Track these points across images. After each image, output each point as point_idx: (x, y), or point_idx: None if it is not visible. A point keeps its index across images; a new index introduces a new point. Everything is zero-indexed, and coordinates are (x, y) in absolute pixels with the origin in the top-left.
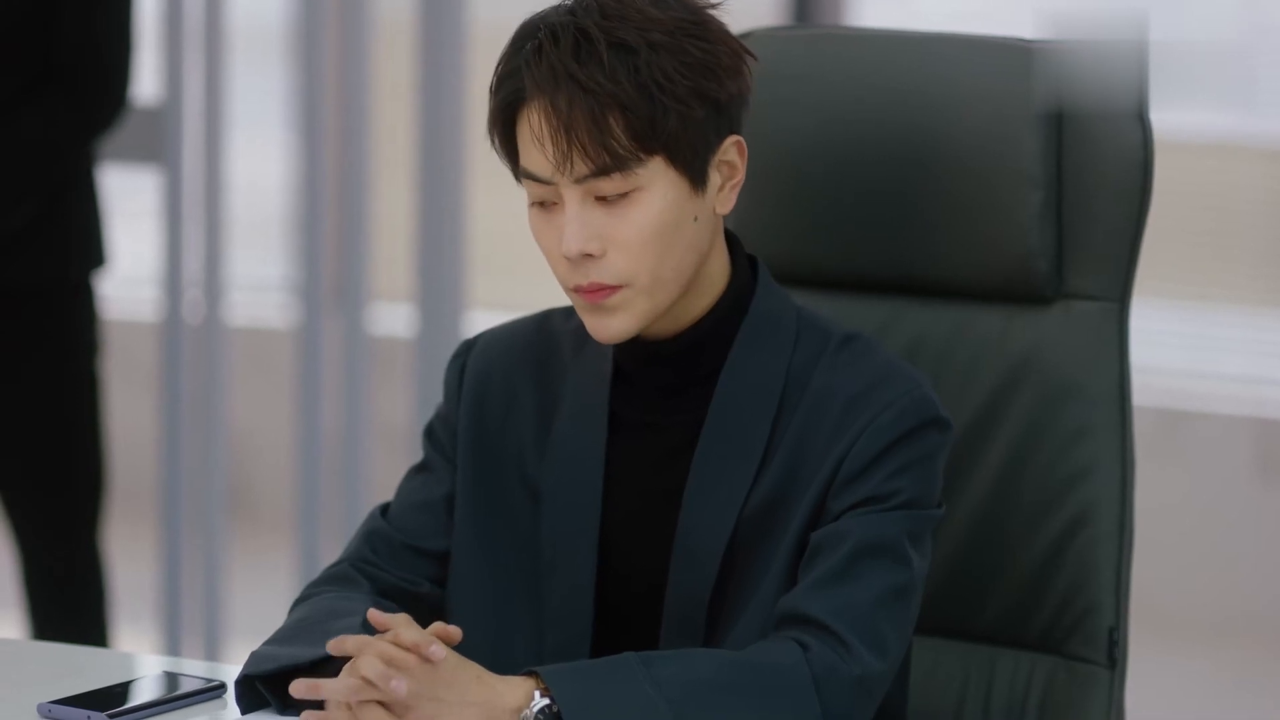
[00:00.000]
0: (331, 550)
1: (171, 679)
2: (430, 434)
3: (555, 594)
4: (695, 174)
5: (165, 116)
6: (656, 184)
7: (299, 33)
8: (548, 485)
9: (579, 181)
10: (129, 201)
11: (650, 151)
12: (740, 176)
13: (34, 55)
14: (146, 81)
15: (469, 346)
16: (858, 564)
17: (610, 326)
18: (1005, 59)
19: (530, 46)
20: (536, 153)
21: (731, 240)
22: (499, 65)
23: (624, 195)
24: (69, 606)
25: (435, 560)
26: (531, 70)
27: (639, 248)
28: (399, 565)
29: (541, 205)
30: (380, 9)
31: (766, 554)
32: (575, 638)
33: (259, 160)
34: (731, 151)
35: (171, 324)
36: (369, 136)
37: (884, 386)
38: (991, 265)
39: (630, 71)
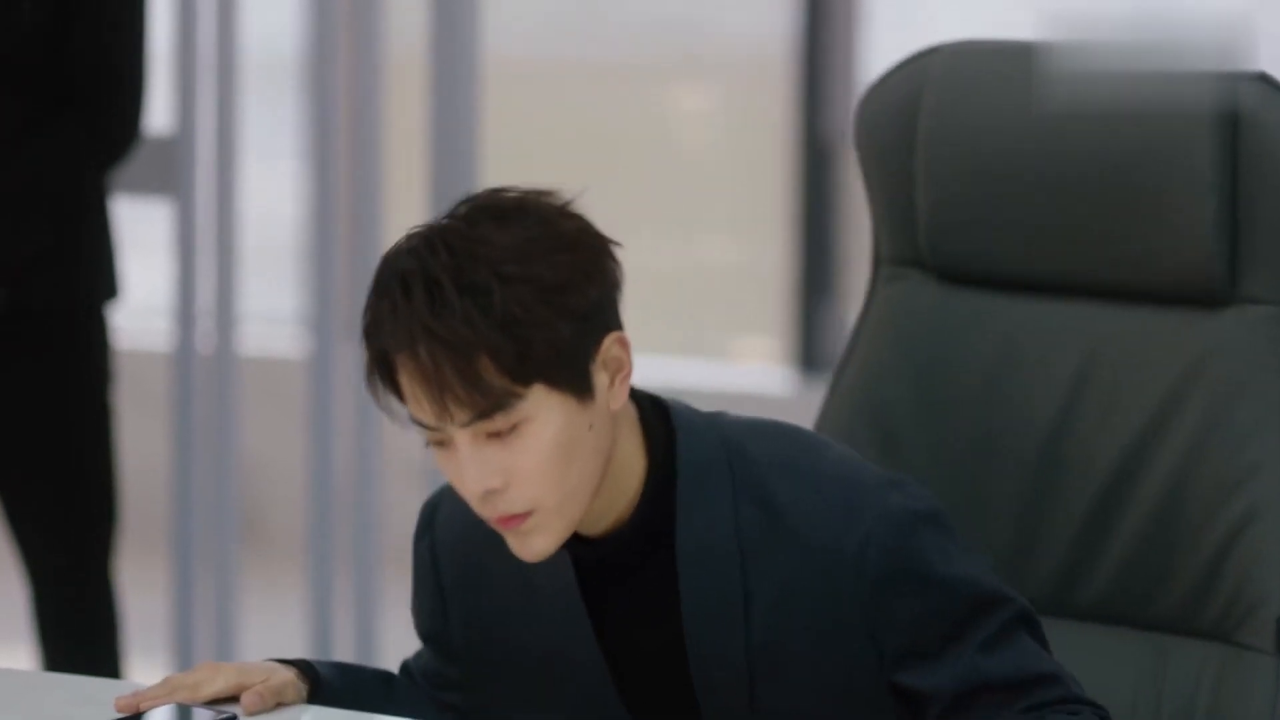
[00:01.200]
0: (344, 581)
1: (183, 710)
2: (425, 639)
3: None
4: (579, 388)
5: (178, 147)
6: (541, 410)
7: (311, 63)
8: (554, 664)
9: (464, 426)
10: (141, 232)
11: (526, 383)
12: (628, 368)
13: (47, 82)
14: (159, 112)
15: (430, 520)
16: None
17: (532, 547)
18: (1188, 75)
19: (386, 304)
20: (415, 403)
21: (639, 404)
22: (364, 315)
23: (512, 429)
24: (81, 637)
25: None
26: (389, 328)
27: (539, 475)
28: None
29: (439, 445)
30: (392, 40)
31: (802, 693)
32: None
33: (271, 191)
34: (614, 348)
35: (183, 354)
36: (381, 167)
37: (851, 522)
38: (1168, 269)
39: (486, 312)
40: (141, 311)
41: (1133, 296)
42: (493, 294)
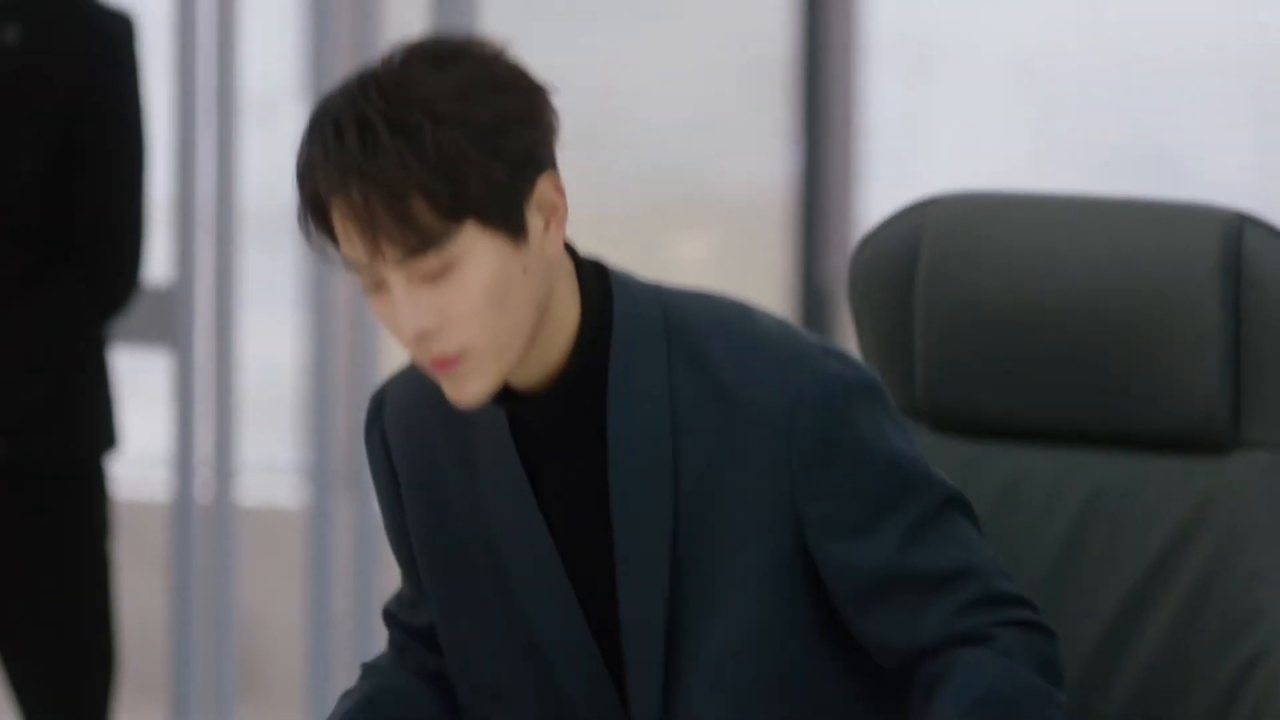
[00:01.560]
0: None
1: None
2: (394, 542)
3: (555, 645)
4: (512, 228)
5: (176, 297)
6: (475, 250)
7: None
8: (494, 527)
9: (398, 265)
10: (140, 382)
11: (459, 221)
12: (563, 211)
13: (46, 235)
14: (158, 262)
15: (379, 407)
16: (940, 585)
17: (466, 391)
18: (1188, 223)
19: (317, 146)
20: (348, 244)
21: (578, 263)
22: (297, 158)
23: (445, 268)
24: None
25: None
26: (322, 169)
27: (472, 315)
28: (424, 655)
29: (374, 288)
30: None
31: (722, 588)
32: (594, 675)
33: (270, 341)
34: (548, 191)
35: (182, 505)
36: None
37: (785, 382)
38: (1170, 415)
39: (419, 152)
40: (140, 462)
41: (1134, 443)
42: (425, 134)
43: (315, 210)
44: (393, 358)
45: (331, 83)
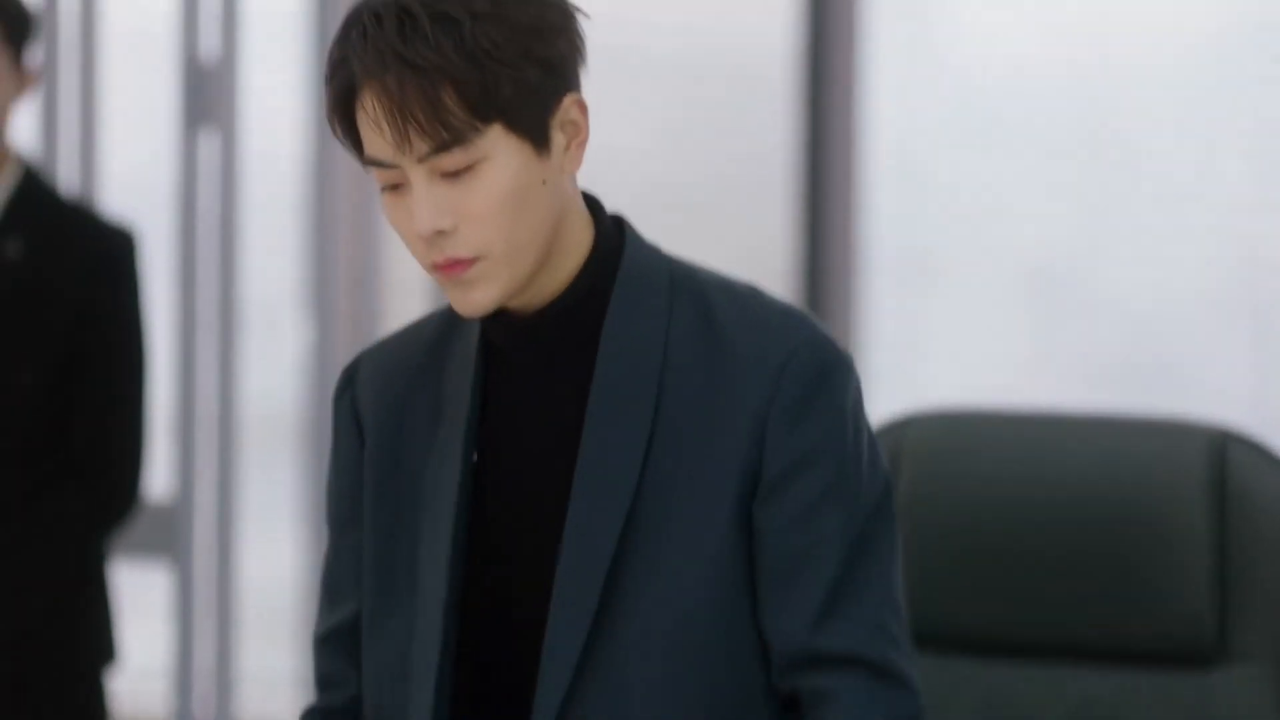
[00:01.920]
0: None
1: None
2: (332, 497)
3: (427, 591)
4: (537, 137)
5: (177, 512)
6: (499, 152)
7: (310, 422)
8: (422, 479)
9: (422, 160)
10: (140, 596)
11: (487, 120)
12: (585, 134)
13: (47, 448)
14: (159, 476)
15: (350, 378)
16: (853, 571)
17: (472, 299)
18: (1173, 440)
19: (355, 32)
20: (376, 137)
21: (594, 204)
22: (330, 54)
23: (468, 168)
24: None
25: None
26: (359, 55)
27: (490, 217)
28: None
29: (392, 189)
30: None
31: (677, 525)
32: (430, 637)
33: (269, 554)
34: (572, 110)
35: (182, 719)
36: None
37: (783, 338)
38: (1157, 629)
39: (456, 43)
40: (140, 675)
41: (1119, 656)
42: (464, 26)
43: (344, 105)
44: None
45: (332, 295)
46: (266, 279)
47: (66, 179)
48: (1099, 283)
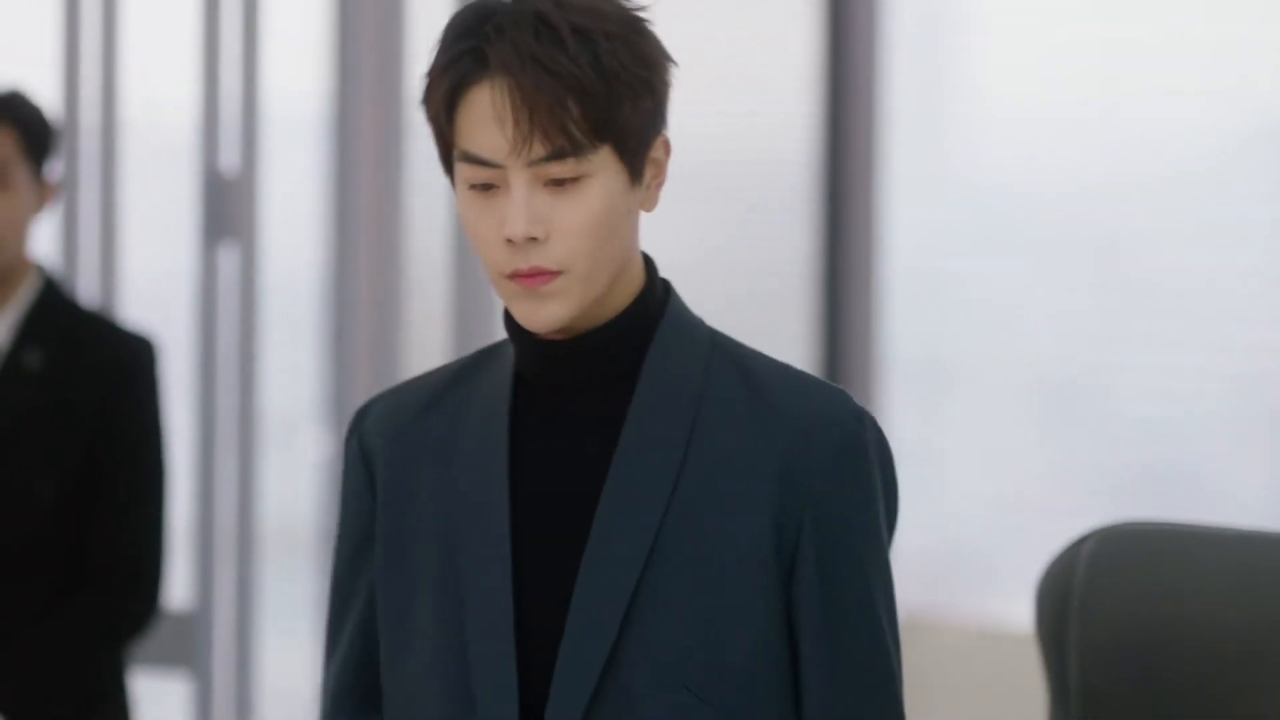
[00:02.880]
0: None
1: None
2: (342, 542)
3: (476, 627)
4: (635, 167)
5: (196, 622)
6: (602, 173)
7: (329, 533)
8: (457, 516)
9: (531, 164)
10: (159, 707)
11: (602, 139)
12: (664, 176)
13: (67, 557)
14: (178, 586)
15: (361, 417)
16: (876, 639)
17: (544, 313)
18: None
19: (490, 27)
20: (489, 134)
21: (647, 256)
22: (444, 47)
23: (574, 181)
24: None
25: None
26: (495, 49)
27: (582, 234)
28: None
29: (481, 189)
30: None
31: (700, 567)
32: (501, 672)
33: (288, 665)
34: (660, 149)
35: None
36: None
37: (819, 402)
38: None
39: (592, 59)
40: None
41: None
42: (599, 44)
43: (454, 99)
44: None
45: (351, 409)
46: (285, 392)
47: (86, 291)
48: (1116, 392)
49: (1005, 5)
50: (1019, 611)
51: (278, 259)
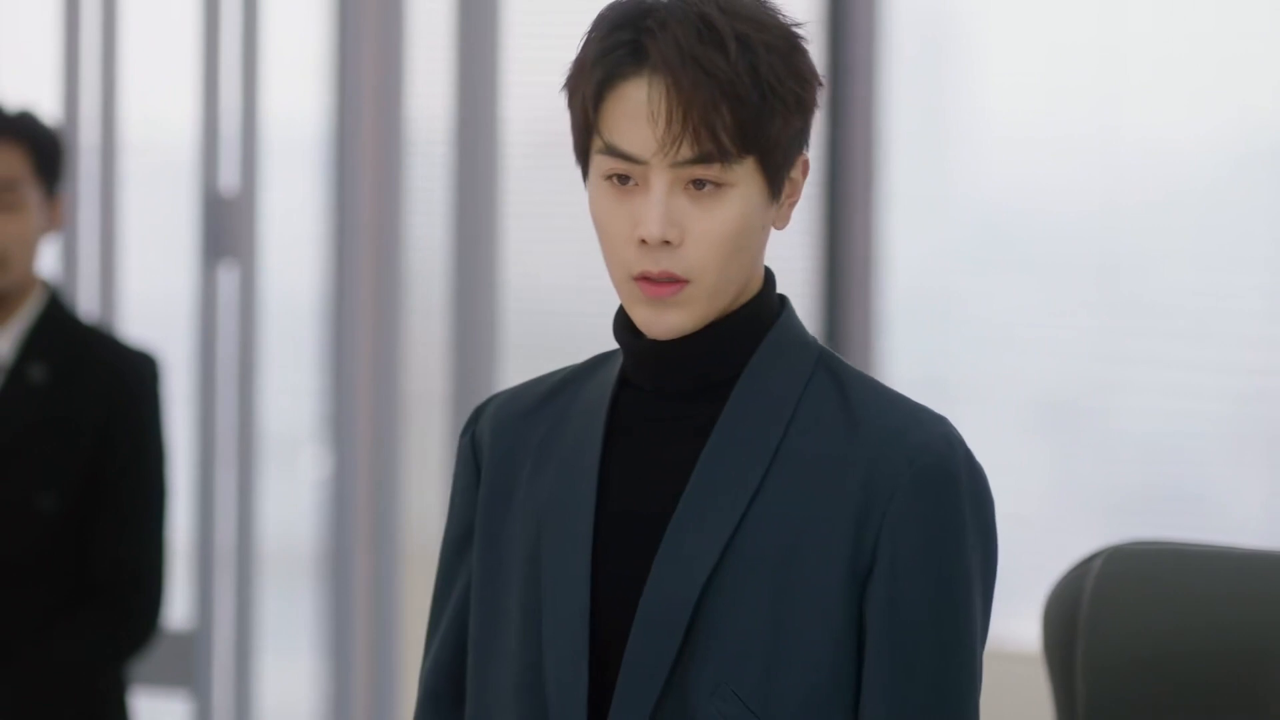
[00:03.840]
0: None
1: None
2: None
3: (552, 624)
4: (775, 183)
5: (195, 642)
6: (743, 185)
7: (328, 552)
8: (545, 513)
9: (675, 165)
10: None
11: (748, 150)
12: (799, 195)
13: (69, 573)
14: (177, 605)
15: (478, 414)
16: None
17: (667, 320)
18: None
19: (652, 22)
20: (638, 128)
21: (767, 271)
22: (598, 37)
23: (716, 188)
24: None
25: None
26: (656, 45)
27: (715, 244)
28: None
29: (619, 182)
30: (411, 530)
31: (775, 573)
32: (573, 669)
33: (288, 684)
34: (800, 168)
35: None
36: (396, 656)
37: (919, 428)
38: None
39: (750, 68)
40: None
41: None
42: (760, 55)
43: (605, 89)
44: (414, 696)
45: (351, 428)
46: (285, 411)
47: (86, 310)
48: (1117, 412)
49: (1005, 24)
50: (1021, 630)
51: (277, 278)
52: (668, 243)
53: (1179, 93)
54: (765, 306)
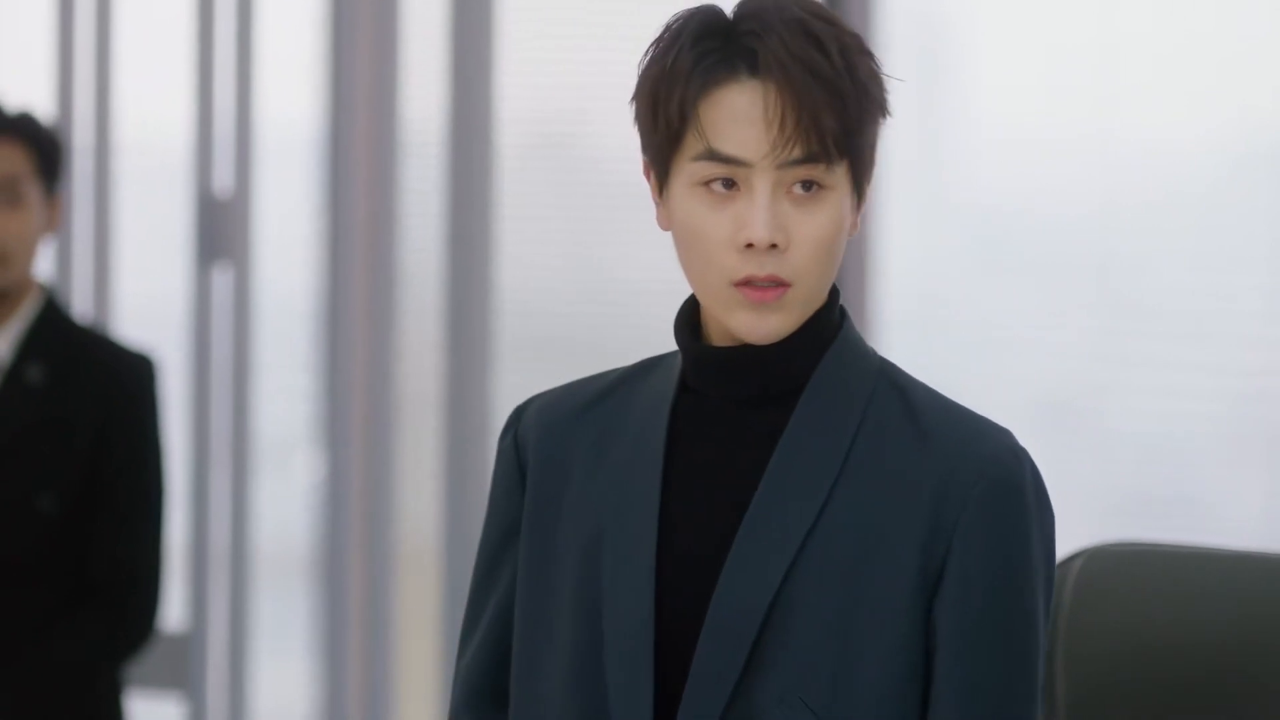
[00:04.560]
0: None
1: None
2: (489, 546)
3: (614, 628)
4: (860, 190)
5: (190, 644)
6: (839, 189)
7: (323, 555)
8: (603, 516)
9: (782, 166)
10: None
11: (844, 155)
12: (865, 207)
13: (67, 573)
14: (172, 608)
15: (519, 414)
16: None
17: (769, 323)
18: None
19: (748, 28)
20: (744, 131)
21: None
22: (685, 45)
23: (818, 190)
24: None
25: None
26: (767, 48)
27: (818, 247)
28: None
29: (713, 190)
30: (405, 529)
31: (844, 584)
32: (636, 674)
33: (282, 687)
34: (871, 179)
35: None
36: (390, 659)
37: (985, 440)
38: None
39: (851, 73)
40: None
41: None
42: (857, 63)
43: (701, 95)
44: (408, 699)
45: (345, 430)
46: (279, 413)
47: (80, 312)
48: (1113, 413)
49: (1001, 25)
50: None
51: (271, 280)
52: (774, 246)
53: (1176, 93)
54: (829, 319)
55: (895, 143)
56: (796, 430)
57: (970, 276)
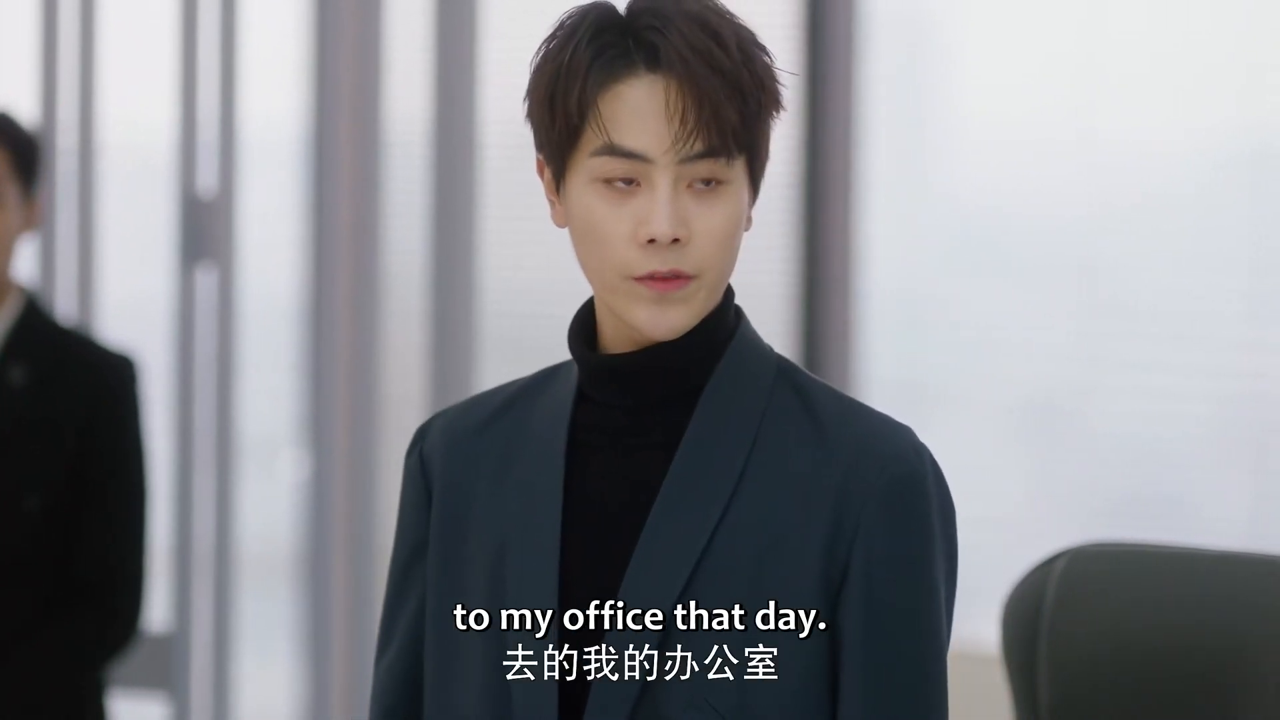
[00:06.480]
0: None
1: None
2: (400, 560)
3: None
4: (755, 183)
5: (174, 644)
6: (736, 183)
7: (307, 555)
8: (508, 529)
9: (684, 161)
10: None
11: (742, 148)
12: (756, 198)
13: (51, 574)
14: (155, 608)
15: (423, 433)
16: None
17: (671, 317)
18: None
19: (645, 24)
20: (644, 127)
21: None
22: (582, 40)
23: (717, 184)
24: None
25: None
26: (668, 42)
27: (719, 240)
28: None
29: (611, 187)
30: (389, 523)
31: (742, 588)
32: (541, 681)
33: (266, 687)
34: (763, 173)
35: None
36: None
37: (884, 436)
38: None
39: (747, 62)
40: None
41: None
42: (755, 56)
43: (600, 91)
44: None
45: (329, 431)
46: (263, 413)
47: (64, 312)
48: (1096, 414)
49: (985, 27)
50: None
51: (255, 280)
52: (675, 240)
53: (1161, 96)
54: (724, 319)
55: (878, 145)
56: (696, 432)
57: (955, 278)
